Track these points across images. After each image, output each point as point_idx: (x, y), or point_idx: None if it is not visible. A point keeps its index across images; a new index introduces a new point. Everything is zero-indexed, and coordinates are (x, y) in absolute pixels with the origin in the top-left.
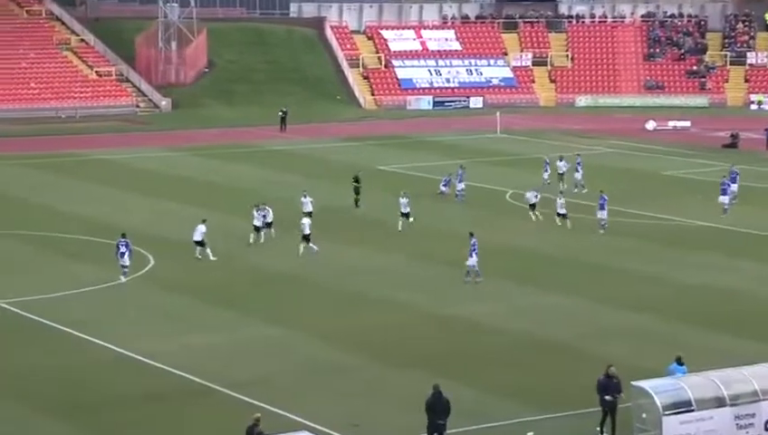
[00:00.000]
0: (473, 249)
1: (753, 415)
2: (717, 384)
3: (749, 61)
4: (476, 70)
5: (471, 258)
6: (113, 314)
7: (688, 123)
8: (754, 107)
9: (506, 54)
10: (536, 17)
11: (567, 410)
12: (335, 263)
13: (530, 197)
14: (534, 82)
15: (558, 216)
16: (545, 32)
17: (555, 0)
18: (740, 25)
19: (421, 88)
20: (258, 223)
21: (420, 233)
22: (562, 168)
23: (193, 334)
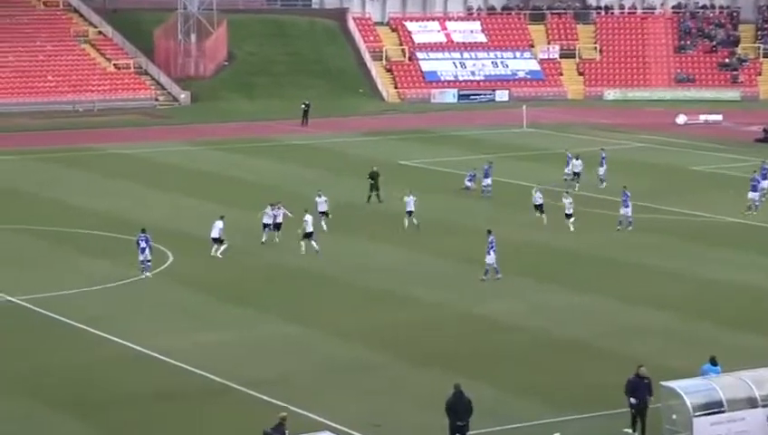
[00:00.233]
0: (490, 247)
1: None
2: (749, 385)
3: None
4: (502, 62)
5: (489, 256)
6: (130, 311)
7: (720, 117)
8: None
9: (533, 46)
10: (564, 8)
11: (593, 410)
12: (354, 259)
13: (536, 198)
14: (562, 75)
15: (566, 217)
16: (573, 23)
17: None
18: None
19: (446, 81)
20: (268, 221)
21: (443, 229)
22: (578, 166)
23: (210, 332)
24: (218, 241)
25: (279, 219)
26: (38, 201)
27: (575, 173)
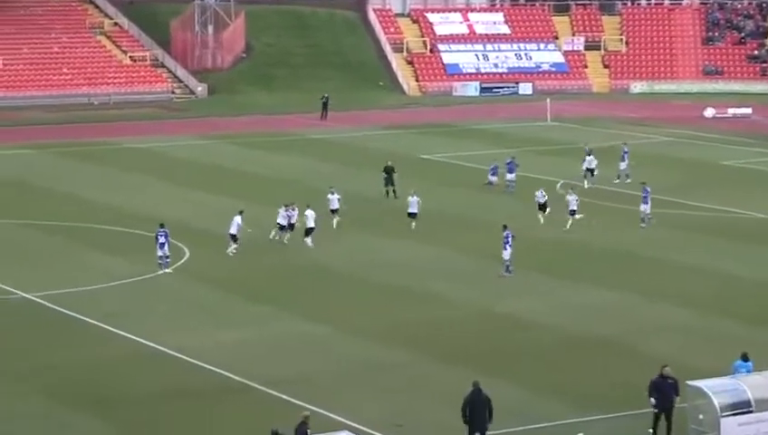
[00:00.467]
0: (506, 242)
1: None
2: None
3: None
4: (526, 54)
5: (505, 251)
6: (146, 308)
7: (749, 110)
8: None
9: (557, 38)
10: None
11: (617, 410)
12: (372, 255)
13: (539, 196)
14: (587, 68)
15: (571, 214)
16: (598, 14)
17: None
18: None
19: (468, 73)
20: (283, 222)
21: (464, 224)
22: (591, 162)
23: (228, 329)
24: (235, 238)
25: (293, 219)
26: (52, 196)
27: (588, 169)
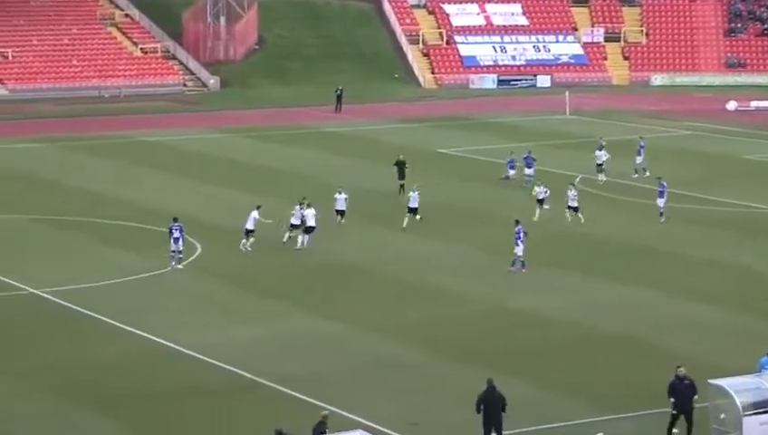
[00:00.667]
0: (517, 237)
1: None
2: None
3: None
4: (544, 46)
5: (517, 247)
6: (157, 304)
7: None
8: None
9: (576, 30)
10: None
11: (636, 410)
12: (387, 251)
13: (539, 192)
14: (606, 60)
15: (568, 208)
16: (618, 5)
17: None
18: None
19: (485, 66)
20: (296, 221)
21: (479, 219)
22: (601, 157)
23: (240, 326)
24: (250, 233)
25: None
26: (62, 190)
27: (598, 165)
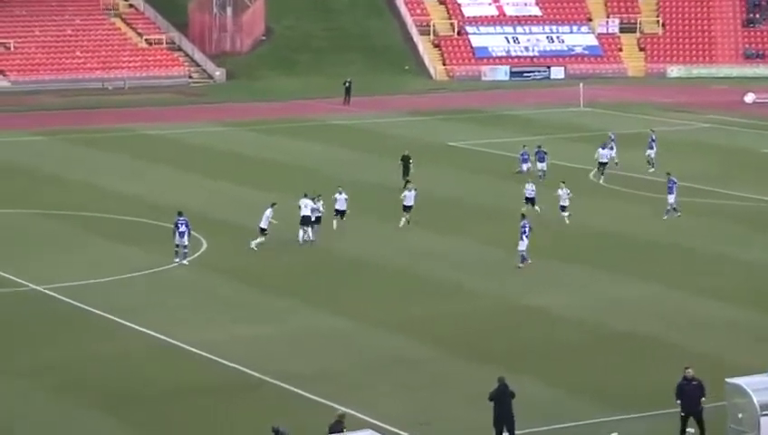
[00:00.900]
0: (523, 232)
1: None
2: None
3: None
4: (558, 37)
5: (522, 242)
6: (161, 301)
7: None
8: None
9: (591, 20)
10: None
11: (651, 409)
12: (396, 246)
13: (528, 190)
14: (622, 51)
15: (560, 208)
16: None
17: None
18: None
19: (497, 57)
20: (306, 213)
21: (490, 214)
22: (604, 157)
23: (246, 324)
24: (264, 232)
25: (321, 211)
26: (64, 184)
27: (600, 163)
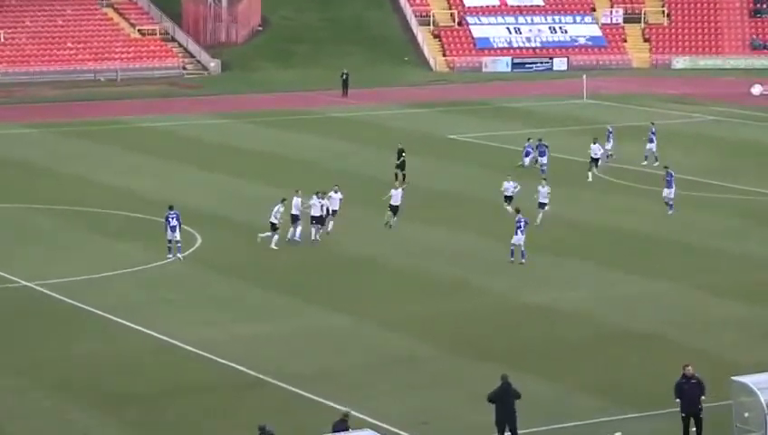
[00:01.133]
0: (518, 227)
1: None
2: None
3: None
4: (561, 28)
5: (516, 236)
6: (155, 298)
7: None
8: None
9: (594, 10)
10: None
11: (656, 408)
12: (396, 242)
13: (507, 187)
14: (626, 42)
15: (538, 205)
16: None
17: None
18: None
19: (499, 48)
20: (317, 213)
21: (491, 209)
22: (596, 151)
23: (244, 322)
24: (275, 228)
25: (329, 207)
26: (56, 178)
27: (593, 159)
